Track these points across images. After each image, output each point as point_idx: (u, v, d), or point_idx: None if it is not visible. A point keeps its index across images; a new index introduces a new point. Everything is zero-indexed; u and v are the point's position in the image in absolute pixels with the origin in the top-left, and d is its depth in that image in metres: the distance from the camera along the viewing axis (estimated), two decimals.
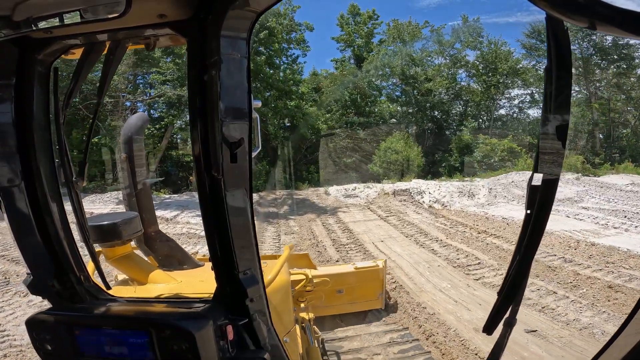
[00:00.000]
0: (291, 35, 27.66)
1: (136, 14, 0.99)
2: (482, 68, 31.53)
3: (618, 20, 0.58)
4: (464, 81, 32.39)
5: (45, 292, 1.47)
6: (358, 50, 33.40)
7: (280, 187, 21.81)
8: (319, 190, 20.35)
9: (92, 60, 1.32)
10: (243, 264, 1.28)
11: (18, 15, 1.00)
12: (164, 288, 1.96)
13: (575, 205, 15.68)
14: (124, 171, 2.30)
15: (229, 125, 1.12)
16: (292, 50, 28.30)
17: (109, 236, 1.95)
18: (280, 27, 25.83)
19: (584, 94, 30.54)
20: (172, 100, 22.75)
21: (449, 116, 32.27)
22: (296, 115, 23.41)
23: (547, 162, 1.02)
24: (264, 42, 23.86)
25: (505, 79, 31.65)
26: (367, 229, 12.60)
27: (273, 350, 1.46)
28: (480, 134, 27.83)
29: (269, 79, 23.99)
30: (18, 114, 1.30)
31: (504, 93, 32.67)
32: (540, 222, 1.08)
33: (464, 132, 27.51)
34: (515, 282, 1.13)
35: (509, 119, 33.26)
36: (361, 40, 33.26)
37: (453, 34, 32.23)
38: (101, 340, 1.31)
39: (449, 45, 31.83)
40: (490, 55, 31.24)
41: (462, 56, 31.95)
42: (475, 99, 31.66)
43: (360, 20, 33.39)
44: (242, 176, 1.21)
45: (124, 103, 22.43)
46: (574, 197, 16.79)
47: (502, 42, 31.38)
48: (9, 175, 1.32)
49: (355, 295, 5.82)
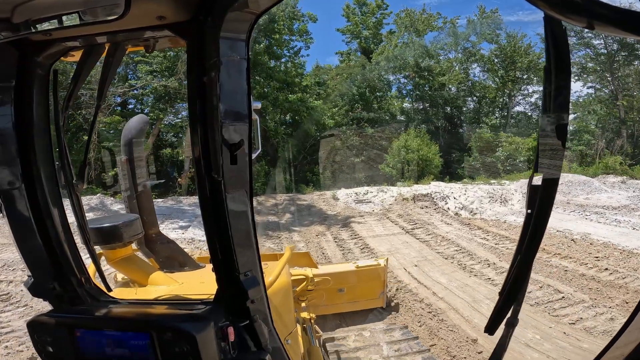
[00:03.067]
0: (293, 26, 25.08)
1: (135, 16, 0.99)
2: (499, 62, 29.20)
3: (616, 19, 0.59)
4: (476, 77, 30.28)
5: (46, 295, 1.46)
6: (365, 42, 31.04)
7: (281, 191, 19.15)
8: (325, 195, 17.68)
9: (92, 63, 1.32)
10: (244, 265, 1.27)
11: (17, 17, 1.01)
12: (164, 290, 1.95)
13: (634, 214, 13.12)
14: (124, 173, 2.27)
15: (229, 127, 1.12)
16: (294, 43, 25.79)
17: (110, 238, 1.95)
18: (282, 13, 23.29)
19: (608, 92, 28.18)
20: (160, 92, 20.17)
21: (461, 112, 30.07)
22: (299, 109, 20.62)
23: (547, 161, 1.02)
24: (264, 28, 21.31)
25: (523, 74, 29.34)
26: (392, 247, 9.97)
27: (274, 351, 1.46)
28: (501, 132, 25.36)
29: (268, 69, 21.39)
30: (18, 117, 1.29)
31: (521, 89, 30.40)
32: (541, 222, 1.08)
33: (484, 130, 24.90)
34: (516, 283, 1.13)
35: (524, 117, 30.92)
36: (368, 31, 30.83)
37: (468, 26, 29.91)
38: (102, 343, 1.30)
39: (464, 38, 29.41)
40: (509, 48, 28.78)
41: (476, 50, 29.61)
42: (490, 95, 29.39)
43: (368, 10, 30.95)
44: (242, 178, 1.20)
45: (111, 97, 19.93)
46: (630, 205, 14.22)
47: (522, 34, 28.88)
48: (9, 177, 1.32)
49: (357, 294, 5.73)
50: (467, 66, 29.87)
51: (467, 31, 29.52)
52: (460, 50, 29.61)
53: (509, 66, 28.93)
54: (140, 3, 0.94)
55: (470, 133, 25.42)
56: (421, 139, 21.23)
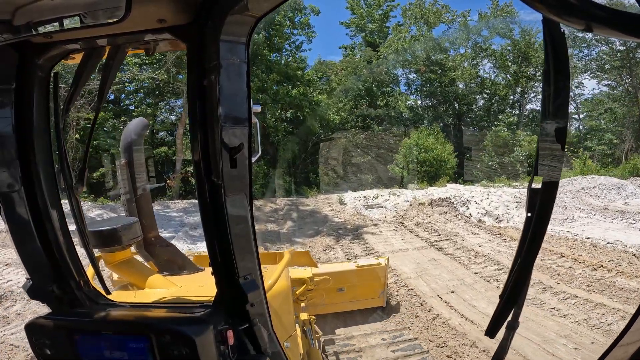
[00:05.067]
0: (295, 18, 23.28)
1: (136, 19, 0.98)
2: (512, 58, 27.50)
3: (614, 21, 0.60)
4: (486, 74, 28.58)
5: (45, 297, 1.46)
6: (370, 36, 29.31)
7: (282, 194, 17.35)
8: (331, 198, 15.86)
9: (92, 65, 1.32)
10: (243, 268, 1.26)
11: (18, 19, 1.00)
12: (164, 293, 1.94)
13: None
14: (123, 177, 2.28)
15: (229, 130, 1.11)
16: (295, 36, 23.98)
17: (109, 241, 1.95)
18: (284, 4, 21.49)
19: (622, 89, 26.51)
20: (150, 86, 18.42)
21: (471, 110, 28.40)
22: (302, 104, 18.73)
23: (546, 164, 1.02)
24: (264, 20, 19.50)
25: (537, 71, 27.63)
26: (418, 267, 8.16)
27: (274, 355, 1.45)
28: (518, 130, 23.62)
29: (268, 61, 19.61)
30: (18, 119, 1.29)
31: (534, 86, 28.71)
32: (541, 225, 1.08)
33: (500, 128, 23.11)
34: (517, 286, 1.13)
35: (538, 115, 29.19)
36: (374, 25, 29.08)
37: (480, 20, 28.18)
38: (101, 346, 1.29)
39: (475, 32, 27.67)
40: (523, 44, 27.05)
41: (487, 45, 27.89)
42: (500, 92, 27.71)
43: (374, 2, 29.21)
44: (241, 181, 1.19)
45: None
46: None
47: (537, 29, 27.08)
48: (8, 180, 1.31)
49: (357, 293, 5.66)
50: (477, 62, 28.22)
51: (479, 25, 27.85)
52: (470, 45, 27.95)
53: (522, 62, 27.26)
54: (140, 6, 0.95)
55: (485, 131, 23.61)
56: (435, 138, 19.39)
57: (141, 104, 17.74)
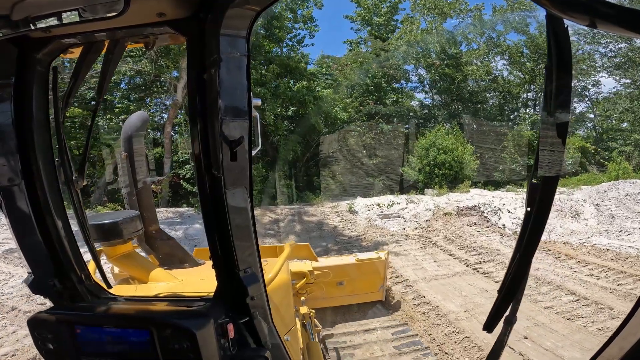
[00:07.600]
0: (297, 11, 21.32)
1: (135, 13, 0.98)
2: (528, 54, 25.59)
3: (618, 18, 0.59)
4: (498, 71, 26.68)
5: (46, 292, 1.45)
6: (377, 30, 27.41)
7: (283, 201, 15.29)
8: (339, 207, 13.78)
9: (91, 60, 1.31)
10: (244, 262, 1.26)
11: (17, 14, 0.99)
12: (164, 287, 1.95)
13: None
14: (124, 170, 2.28)
15: (229, 123, 1.11)
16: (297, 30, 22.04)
17: (110, 235, 1.95)
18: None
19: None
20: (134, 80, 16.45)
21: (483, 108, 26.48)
22: (305, 99, 16.67)
23: (546, 160, 1.01)
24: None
25: None
26: (466, 300, 6.07)
27: (274, 348, 1.45)
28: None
29: (267, 52, 17.62)
30: (17, 114, 1.29)
31: None
32: (540, 220, 1.07)
33: (522, 127, 21.07)
34: (515, 280, 1.13)
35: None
36: (381, 18, 27.17)
37: (495, 14, 26.28)
38: (102, 339, 1.29)
39: (489, 27, 25.77)
40: (540, 39, 25.14)
41: (501, 41, 25.99)
42: (514, 90, 25.78)
43: None
44: (242, 174, 1.19)
45: None
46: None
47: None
48: (9, 174, 1.31)
49: (356, 287, 5.71)
50: (490, 58, 26.31)
51: (494, 19, 25.94)
52: (484, 40, 26.03)
53: (540, 58, 25.34)
54: (140, 0, 0.93)
55: (506, 130, 21.56)
56: (455, 137, 17.34)
57: (123, 99, 15.72)
